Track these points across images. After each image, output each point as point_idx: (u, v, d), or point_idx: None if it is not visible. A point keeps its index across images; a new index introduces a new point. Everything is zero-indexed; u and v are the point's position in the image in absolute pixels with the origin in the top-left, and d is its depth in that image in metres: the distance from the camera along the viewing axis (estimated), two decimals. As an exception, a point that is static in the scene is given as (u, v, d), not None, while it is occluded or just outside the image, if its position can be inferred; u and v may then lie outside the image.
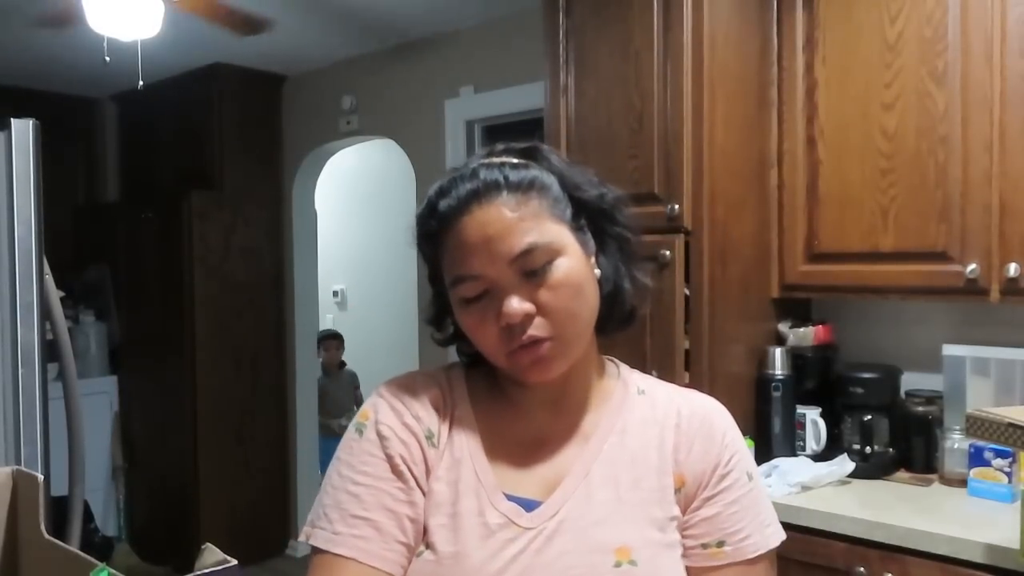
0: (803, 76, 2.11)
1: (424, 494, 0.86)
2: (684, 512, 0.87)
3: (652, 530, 0.84)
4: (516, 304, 0.81)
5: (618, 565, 0.81)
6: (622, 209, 0.92)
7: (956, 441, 1.94)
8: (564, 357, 0.85)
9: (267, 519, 4.10)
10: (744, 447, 0.92)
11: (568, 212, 0.86)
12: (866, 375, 2.08)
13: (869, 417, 2.04)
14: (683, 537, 0.86)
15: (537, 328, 0.82)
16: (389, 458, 0.85)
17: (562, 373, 0.87)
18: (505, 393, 0.93)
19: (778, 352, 2.11)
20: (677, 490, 0.87)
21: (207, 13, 2.67)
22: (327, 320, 5.36)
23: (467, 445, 0.88)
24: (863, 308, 2.28)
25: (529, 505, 0.85)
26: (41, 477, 0.89)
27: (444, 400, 0.91)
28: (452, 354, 0.99)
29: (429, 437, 0.88)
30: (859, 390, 2.06)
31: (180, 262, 3.85)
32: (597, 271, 0.88)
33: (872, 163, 1.99)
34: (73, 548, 0.84)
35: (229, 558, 0.65)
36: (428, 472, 0.87)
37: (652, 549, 0.83)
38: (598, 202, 0.89)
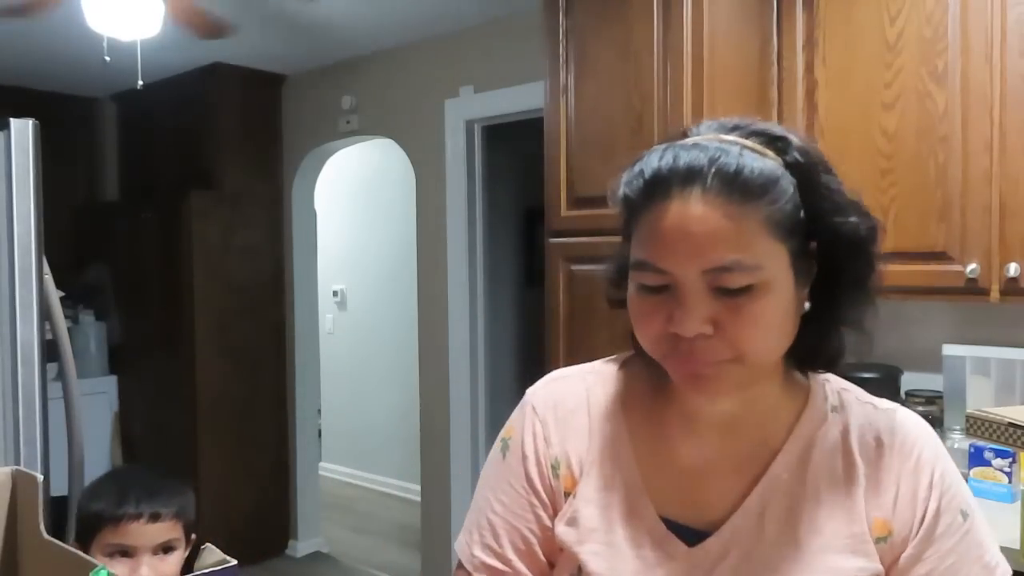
0: (803, 76, 2.10)
1: (551, 520, 0.83)
2: (890, 567, 0.75)
3: None
4: (693, 323, 0.69)
5: None
6: (873, 243, 0.76)
7: (956, 441, 1.94)
8: (730, 383, 0.72)
9: (267, 519, 4.10)
10: (955, 479, 0.77)
11: (798, 229, 0.72)
12: (866, 375, 2.08)
13: (869, 417, 2.04)
14: None
15: (708, 351, 0.70)
16: (529, 480, 0.84)
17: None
18: (671, 404, 0.81)
19: (778, 352, 2.10)
20: (881, 539, 0.75)
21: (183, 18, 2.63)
22: (327, 320, 5.36)
23: (620, 468, 0.80)
24: (863, 308, 2.27)
25: (692, 539, 0.77)
26: (40, 477, 0.89)
27: (590, 416, 0.84)
28: (452, 353, 0.99)
29: (555, 467, 0.83)
30: (859, 390, 2.06)
31: (180, 262, 3.84)
32: (807, 304, 0.75)
33: (872, 163, 1.99)
34: (73, 548, 0.84)
35: (229, 558, 0.65)
36: (553, 503, 0.83)
37: None
38: (850, 234, 0.75)
